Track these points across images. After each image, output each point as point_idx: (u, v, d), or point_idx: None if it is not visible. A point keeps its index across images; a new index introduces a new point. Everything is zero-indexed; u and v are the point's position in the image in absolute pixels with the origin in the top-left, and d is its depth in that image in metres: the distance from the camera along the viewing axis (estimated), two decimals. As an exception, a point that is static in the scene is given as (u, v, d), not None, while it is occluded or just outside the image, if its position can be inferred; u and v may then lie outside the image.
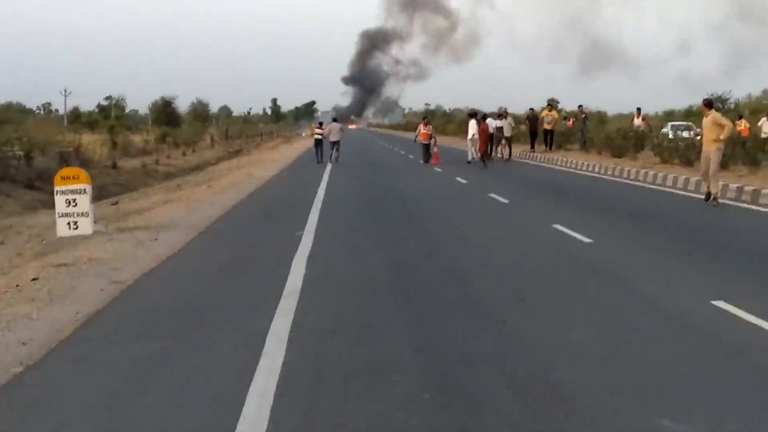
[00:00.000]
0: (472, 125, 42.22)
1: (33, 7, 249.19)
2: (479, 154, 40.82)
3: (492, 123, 43.96)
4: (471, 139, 42.39)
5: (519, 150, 49.08)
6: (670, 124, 56.22)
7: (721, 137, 22.18)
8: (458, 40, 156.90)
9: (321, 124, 50.80)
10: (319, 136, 49.06)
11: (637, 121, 44.46)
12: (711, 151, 22.20)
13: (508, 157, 44.99)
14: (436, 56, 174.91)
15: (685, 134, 42.15)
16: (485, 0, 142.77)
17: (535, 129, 47.65)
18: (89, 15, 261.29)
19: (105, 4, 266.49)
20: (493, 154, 44.10)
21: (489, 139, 41.92)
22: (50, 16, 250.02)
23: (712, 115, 22.49)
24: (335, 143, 47.27)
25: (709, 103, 23.01)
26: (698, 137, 30.08)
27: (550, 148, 46.63)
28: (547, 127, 46.63)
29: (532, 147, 47.94)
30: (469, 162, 42.39)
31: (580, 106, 48.13)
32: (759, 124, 42.32)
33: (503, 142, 45.42)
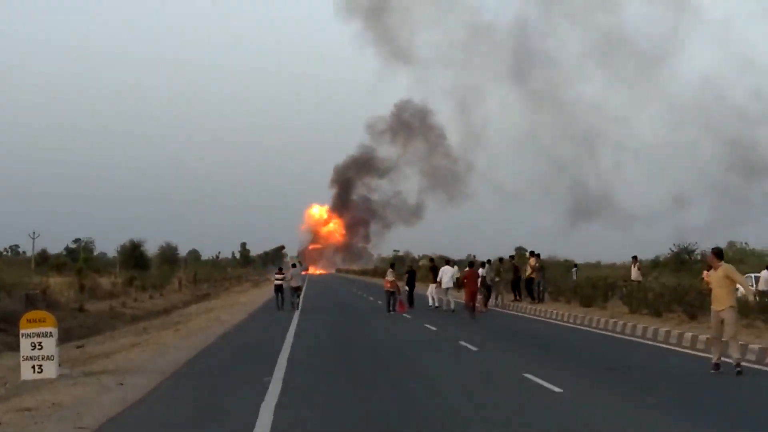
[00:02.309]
0: (447, 271, 42.19)
1: (1, 150, 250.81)
2: (465, 304, 38.70)
3: (453, 271, 43.53)
4: (444, 287, 42.19)
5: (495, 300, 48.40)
6: None
7: (748, 297, 20.21)
8: (450, 174, 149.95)
9: (281, 269, 49.94)
10: (279, 282, 47.56)
11: (635, 272, 42.71)
12: (724, 310, 18.64)
13: (485, 307, 43.82)
14: (430, 195, 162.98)
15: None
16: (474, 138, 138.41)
17: (518, 277, 46.57)
18: (59, 159, 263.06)
19: (74, 147, 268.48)
20: (480, 303, 42.73)
21: (477, 287, 39.88)
22: (19, 159, 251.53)
23: (723, 267, 18.86)
24: (296, 289, 46.60)
25: (719, 253, 19.30)
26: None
27: (534, 298, 44.70)
28: (530, 275, 45.18)
29: (516, 296, 46.36)
30: (435, 308, 42.52)
31: (532, 253, 46.87)
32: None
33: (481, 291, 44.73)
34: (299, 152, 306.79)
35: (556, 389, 16.15)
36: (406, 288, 45.86)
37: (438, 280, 43.14)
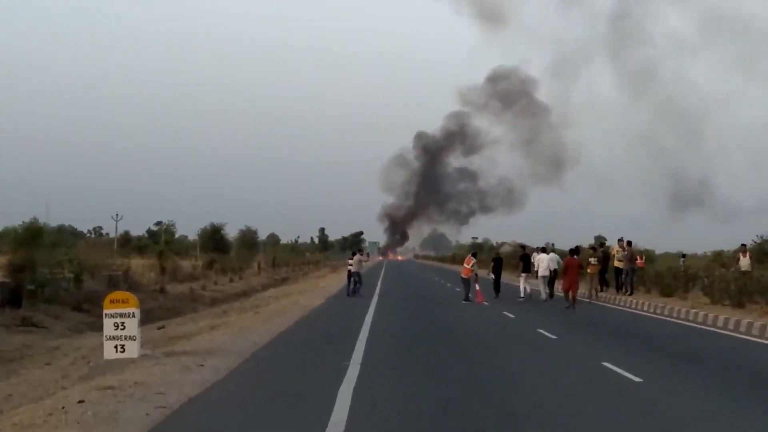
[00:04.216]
0: (544, 258, 41.49)
1: (85, 134, 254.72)
2: (564, 293, 37.30)
3: (549, 258, 42.04)
4: (541, 276, 41.30)
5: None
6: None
7: None
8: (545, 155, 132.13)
9: (353, 254, 49.70)
10: (351, 267, 47.75)
11: (744, 261, 37.86)
12: None
13: (550, 296, 42.63)
14: (527, 178, 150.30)
15: None
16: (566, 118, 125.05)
17: (605, 267, 43.83)
18: (142, 143, 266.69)
19: (158, 132, 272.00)
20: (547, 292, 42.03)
21: (578, 276, 38.02)
22: (103, 144, 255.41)
23: None
24: (356, 274, 46.70)
25: None
26: None
27: (624, 290, 41.92)
28: (618, 265, 42.52)
29: (602, 287, 43.65)
30: (522, 298, 41.53)
31: (620, 240, 43.83)
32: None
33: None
34: (382, 137, 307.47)
35: (636, 378, 16.01)
36: (492, 275, 45.27)
37: (534, 269, 42.43)
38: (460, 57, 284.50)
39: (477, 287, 40.64)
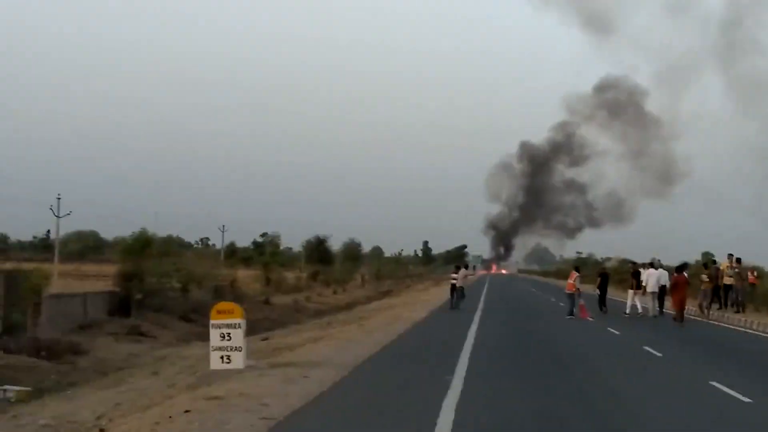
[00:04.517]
0: (653, 274, 40.73)
1: (192, 147, 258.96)
2: (678, 311, 36.54)
3: (659, 274, 40.61)
4: (650, 291, 40.62)
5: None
6: None
7: None
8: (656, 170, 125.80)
9: (458, 267, 49.45)
10: (455, 281, 47.32)
11: None
12: None
13: (660, 312, 41.91)
14: (636, 190, 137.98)
15: None
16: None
17: (717, 284, 41.74)
18: (250, 156, 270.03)
19: (265, 145, 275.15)
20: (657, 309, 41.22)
21: (686, 292, 37.32)
22: (209, 154, 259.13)
23: None
24: (460, 289, 46.46)
25: None
26: None
27: (734, 307, 40.78)
28: (727, 281, 41.05)
29: (712, 304, 41.87)
30: (627, 314, 40.85)
31: (730, 256, 42.34)
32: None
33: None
34: (487, 149, 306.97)
35: (745, 399, 15.68)
36: (598, 291, 44.70)
37: (642, 284, 41.70)
38: (567, 66, 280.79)
39: (581, 302, 40.19)
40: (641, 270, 43.51)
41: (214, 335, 19.81)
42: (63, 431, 17.62)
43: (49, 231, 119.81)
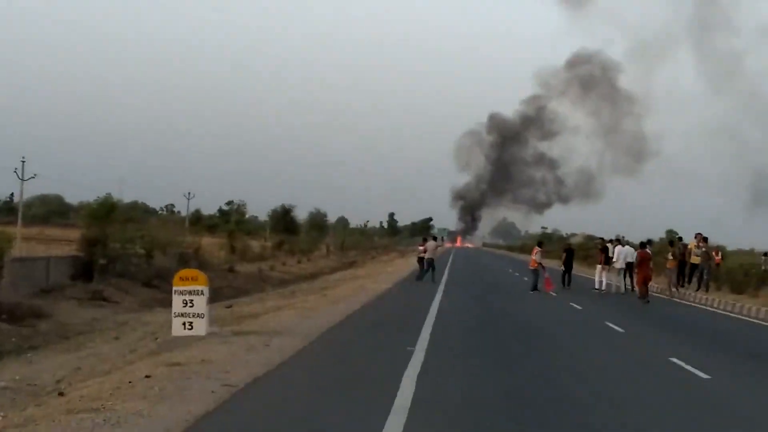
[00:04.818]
0: (622, 251, 41.06)
1: (160, 113, 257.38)
2: (637, 287, 37.41)
3: (626, 251, 41.54)
4: (618, 268, 41.10)
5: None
6: None
7: None
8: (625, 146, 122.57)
9: (425, 239, 49.39)
10: (422, 255, 47.03)
11: None
12: None
13: (630, 288, 42.14)
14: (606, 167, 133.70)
15: None
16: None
17: (683, 262, 41.68)
18: (215, 124, 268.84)
19: (231, 113, 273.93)
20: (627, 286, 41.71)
21: (651, 269, 37.46)
22: (177, 120, 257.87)
23: None
24: (429, 261, 46.14)
25: None
26: None
27: (699, 286, 40.54)
28: (695, 260, 40.97)
29: (680, 282, 41.55)
30: (597, 290, 41.19)
31: (697, 235, 42.19)
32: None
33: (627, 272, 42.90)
34: (455, 122, 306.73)
35: (704, 375, 15.82)
36: (563, 267, 44.87)
37: (612, 261, 41.95)
38: (541, 40, 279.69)
39: (546, 275, 40.39)
40: (609, 246, 43.77)
41: (177, 302, 19.74)
42: (23, 394, 17.48)
43: (12, 194, 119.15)
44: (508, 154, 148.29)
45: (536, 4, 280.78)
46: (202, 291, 19.70)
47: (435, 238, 52.70)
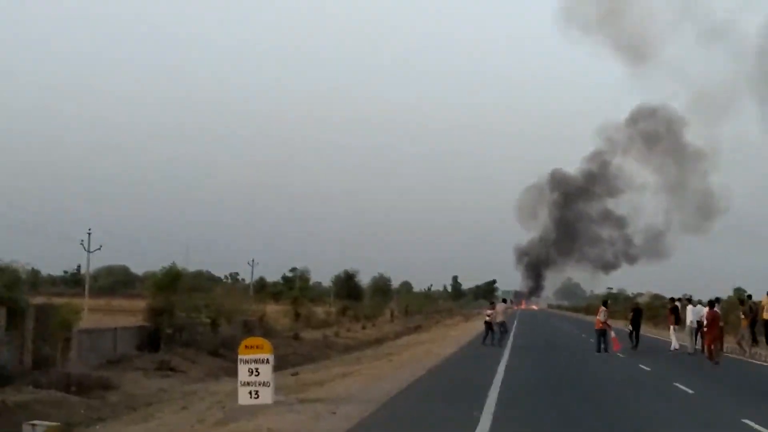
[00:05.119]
0: (691, 311, 40.30)
1: (223, 183, 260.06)
2: (707, 348, 36.18)
3: (697, 310, 39.95)
4: (689, 328, 40.14)
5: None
6: None
7: None
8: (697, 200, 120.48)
9: (492, 303, 49.24)
10: (488, 319, 46.55)
11: None
12: None
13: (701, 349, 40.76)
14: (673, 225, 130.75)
15: None
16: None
17: (754, 320, 39.81)
18: (280, 192, 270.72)
19: (295, 181, 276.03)
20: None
21: (720, 329, 36.03)
22: (240, 189, 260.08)
23: None
24: (501, 324, 45.97)
25: None
26: None
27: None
28: (767, 317, 39.04)
29: (753, 341, 39.85)
30: (672, 351, 40.29)
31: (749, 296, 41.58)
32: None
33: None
34: (514, 178, 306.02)
35: (777, 437, 15.52)
36: (630, 327, 44.25)
37: (682, 321, 41.12)
38: (603, 93, 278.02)
39: (613, 335, 39.91)
40: (678, 305, 43.15)
41: (243, 370, 19.79)
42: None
43: (79, 266, 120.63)
44: (573, 211, 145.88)
45: (597, 59, 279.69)
46: (267, 359, 19.74)
47: (504, 300, 52.37)
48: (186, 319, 46.90)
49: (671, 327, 42.01)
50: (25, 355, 33.37)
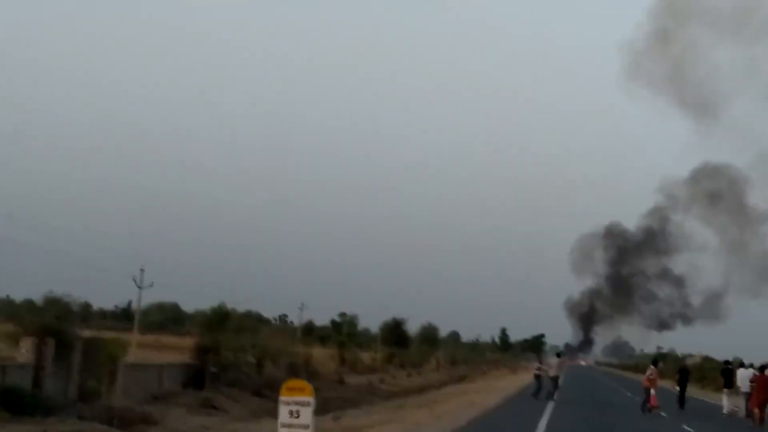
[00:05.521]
0: (745, 374, 39.86)
1: (276, 226, 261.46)
2: (753, 412, 35.56)
3: (750, 374, 39.24)
4: (744, 392, 39.40)
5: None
6: None
7: None
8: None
9: (539, 358, 49.86)
10: (538, 372, 47.58)
11: None
12: None
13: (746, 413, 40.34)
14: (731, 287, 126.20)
15: None
16: None
17: None
18: (330, 238, 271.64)
19: (345, 229, 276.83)
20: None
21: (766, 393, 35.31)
22: (291, 235, 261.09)
23: None
24: (554, 378, 45.99)
25: None
26: None
27: None
28: None
29: None
30: (725, 415, 39.78)
31: None
32: None
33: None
34: (570, 238, 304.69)
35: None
36: (677, 387, 43.92)
37: (735, 384, 40.65)
38: (664, 149, 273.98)
39: (653, 392, 39.70)
40: (730, 368, 42.81)
41: (283, 412, 19.90)
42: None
43: (131, 301, 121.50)
44: (629, 266, 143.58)
45: (660, 115, 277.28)
46: (308, 402, 19.84)
47: (558, 354, 52.42)
48: (232, 358, 47.14)
49: (724, 390, 41.60)
50: (71, 387, 33.69)
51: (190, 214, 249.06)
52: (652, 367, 42.08)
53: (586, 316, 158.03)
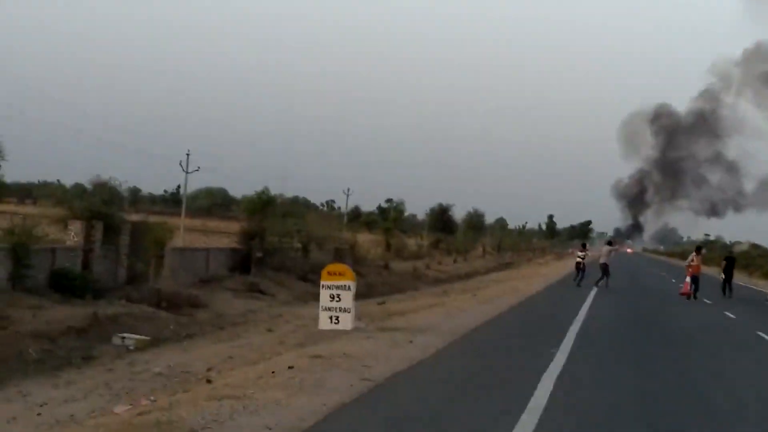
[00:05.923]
0: None
1: (325, 113, 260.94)
2: None
3: None
4: None
5: None
6: None
7: None
8: None
9: (584, 245, 49.35)
10: (580, 259, 46.82)
11: None
12: None
13: None
14: None
15: None
16: None
17: None
18: (381, 122, 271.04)
19: (394, 114, 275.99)
20: None
21: None
22: (341, 121, 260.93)
23: None
24: (604, 265, 45.58)
25: None
26: None
27: None
28: None
29: None
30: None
31: None
32: None
33: None
34: (613, 117, 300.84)
35: None
36: (723, 275, 43.86)
37: None
38: (715, 31, 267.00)
39: (687, 279, 39.77)
40: None
41: (324, 296, 20.22)
42: (175, 380, 18.18)
43: (179, 186, 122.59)
44: (678, 150, 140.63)
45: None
46: (348, 286, 20.11)
47: (609, 243, 51.74)
48: (277, 243, 47.54)
49: None
50: (119, 270, 34.28)
51: (242, 103, 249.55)
52: (694, 253, 41.96)
53: (636, 198, 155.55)
